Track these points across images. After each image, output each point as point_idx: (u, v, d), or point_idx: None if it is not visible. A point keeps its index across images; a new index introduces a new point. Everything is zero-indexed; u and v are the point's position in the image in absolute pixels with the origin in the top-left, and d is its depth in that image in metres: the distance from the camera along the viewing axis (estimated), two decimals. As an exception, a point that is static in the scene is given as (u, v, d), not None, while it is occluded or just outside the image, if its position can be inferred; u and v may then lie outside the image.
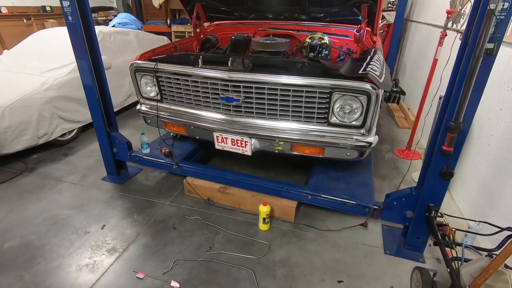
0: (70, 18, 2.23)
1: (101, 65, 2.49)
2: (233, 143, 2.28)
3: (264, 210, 2.22)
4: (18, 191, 2.73)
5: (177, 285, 1.83)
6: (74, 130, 3.64)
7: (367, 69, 1.88)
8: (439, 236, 1.72)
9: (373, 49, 2.35)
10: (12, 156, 3.11)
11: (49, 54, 3.81)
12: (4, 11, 5.85)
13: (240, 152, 2.31)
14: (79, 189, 2.78)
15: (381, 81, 1.85)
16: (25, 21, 6.19)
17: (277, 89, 2.02)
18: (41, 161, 3.22)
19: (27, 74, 3.51)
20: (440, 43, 2.80)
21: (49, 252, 2.09)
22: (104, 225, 2.33)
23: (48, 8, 6.72)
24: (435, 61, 2.90)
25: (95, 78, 2.48)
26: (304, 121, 2.09)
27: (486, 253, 1.53)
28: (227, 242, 2.19)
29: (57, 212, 2.46)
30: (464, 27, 1.59)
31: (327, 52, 2.71)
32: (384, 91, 1.94)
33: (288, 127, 2.13)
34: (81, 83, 2.54)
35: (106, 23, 7.22)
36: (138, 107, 2.64)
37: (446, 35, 2.77)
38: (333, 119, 2.03)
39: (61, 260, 2.02)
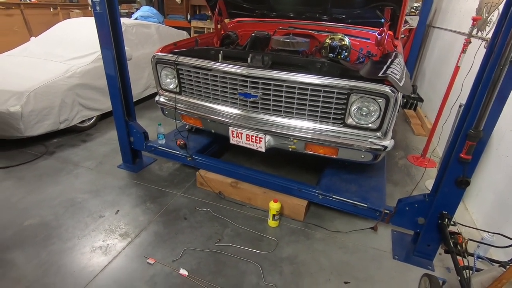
0: (98, 8, 2.29)
1: (124, 56, 2.56)
2: (248, 139, 2.31)
3: (274, 206, 2.23)
4: (38, 173, 2.84)
5: (186, 273, 1.87)
6: (93, 117, 3.75)
7: (387, 72, 1.87)
8: (451, 244, 1.70)
9: (394, 53, 2.33)
10: (34, 139, 3.24)
11: (73, 43, 3.94)
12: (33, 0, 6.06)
13: (254, 148, 2.33)
14: (95, 174, 2.87)
15: (401, 84, 1.84)
16: (51, 10, 6.39)
17: (295, 88, 2.03)
18: (61, 146, 3.34)
19: (52, 61, 3.63)
20: (464, 51, 2.75)
21: (65, 232, 2.17)
22: (118, 210, 2.41)
23: (74, -1, 6.92)
24: (457, 68, 2.84)
25: (117, 69, 2.55)
26: (320, 120, 2.10)
27: (498, 264, 1.51)
28: (236, 235, 2.22)
29: (73, 195, 2.55)
30: (489, 35, 1.56)
31: (346, 53, 2.71)
32: (402, 96, 1.93)
33: (303, 126, 2.15)
34: (102, 72, 2.62)
35: (128, 15, 7.38)
36: (157, 98, 2.70)
37: (470, 42, 2.72)
38: (350, 121, 2.03)
39: (76, 241, 2.10)
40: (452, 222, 1.86)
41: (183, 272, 1.88)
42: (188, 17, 7.93)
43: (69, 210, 2.39)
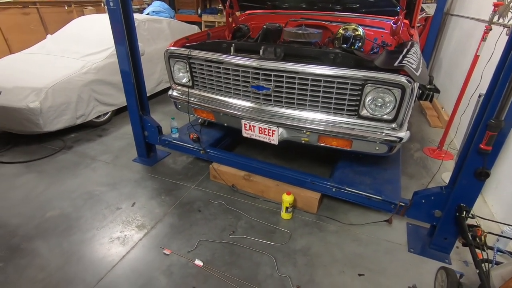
0: (111, 4, 2.32)
1: (137, 51, 2.59)
2: (260, 132, 2.31)
3: (287, 199, 2.24)
4: (57, 167, 2.94)
5: (201, 263, 1.91)
6: (108, 113, 3.84)
7: (403, 62, 1.83)
8: (470, 237, 1.67)
9: (410, 42, 2.27)
10: (52, 134, 3.34)
11: (88, 40, 4.00)
12: (48, -3, 6.18)
13: (266, 140, 2.33)
14: (111, 168, 2.94)
15: (418, 74, 1.80)
16: (66, 8, 6.51)
17: (308, 79, 2.01)
18: (78, 140, 3.43)
19: (68, 58, 3.71)
20: (484, 38, 2.64)
21: (84, 224, 2.25)
22: (134, 203, 2.47)
23: (87, -4, 7.01)
24: (476, 57, 2.74)
25: (131, 64, 2.58)
26: (333, 112, 2.08)
27: (520, 258, 1.47)
28: (249, 227, 2.24)
29: (91, 188, 2.63)
30: (512, 21, 1.50)
31: (360, 44, 2.65)
32: (418, 87, 1.88)
33: (316, 118, 2.13)
34: (116, 68, 2.66)
35: (140, 11, 7.44)
36: (170, 92, 2.73)
37: (491, 29, 2.61)
38: (364, 112, 2.00)
39: (95, 232, 2.17)
40: (470, 215, 1.82)
41: (199, 262, 1.92)
42: (199, 11, 7.92)
43: (88, 202, 2.46)
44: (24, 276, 1.83)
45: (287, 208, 2.27)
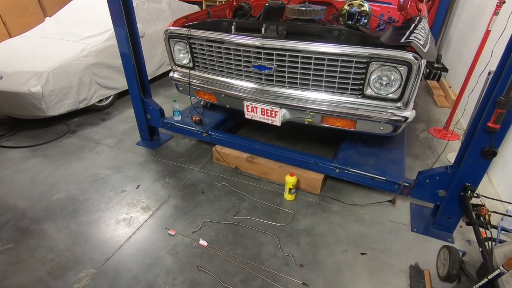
0: (108, -18, 2.25)
1: (137, 33, 2.53)
2: (263, 113, 2.28)
3: (290, 180, 2.24)
4: (62, 151, 2.96)
5: (205, 243, 1.94)
6: (110, 96, 3.81)
7: (410, 38, 1.76)
8: (474, 215, 1.66)
9: (417, 17, 2.18)
10: (56, 118, 3.35)
11: (87, 22, 3.92)
12: (45, -21, 6.01)
13: (269, 122, 2.31)
14: (115, 151, 2.95)
15: (425, 50, 1.73)
16: (63, -11, 6.36)
17: (311, 58, 1.96)
18: (81, 124, 3.44)
19: (68, 41, 3.65)
20: (496, 12, 2.53)
21: (90, 206, 2.28)
22: (139, 185, 2.49)
23: (84, -24, 6.81)
24: (487, 32, 2.63)
25: (131, 46, 2.53)
26: (337, 92, 2.04)
27: (524, 236, 1.46)
28: (253, 208, 2.26)
29: (97, 171, 2.66)
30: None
31: (366, 20, 2.54)
32: (425, 65, 1.82)
33: (320, 98, 2.09)
34: (117, 50, 2.61)
35: (139, -8, 7.23)
36: (171, 74, 2.69)
37: (504, 2, 2.49)
38: (369, 91, 1.95)
39: (101, 214, 2.21)
40: (475, 194, 1.80)
41: (203, 242, 1.95)
42: (199, -10, 7.69)
43: (94, 185, 2.49)
44: (34, 256, 1.88)
45: (290, 189, 2.28)
